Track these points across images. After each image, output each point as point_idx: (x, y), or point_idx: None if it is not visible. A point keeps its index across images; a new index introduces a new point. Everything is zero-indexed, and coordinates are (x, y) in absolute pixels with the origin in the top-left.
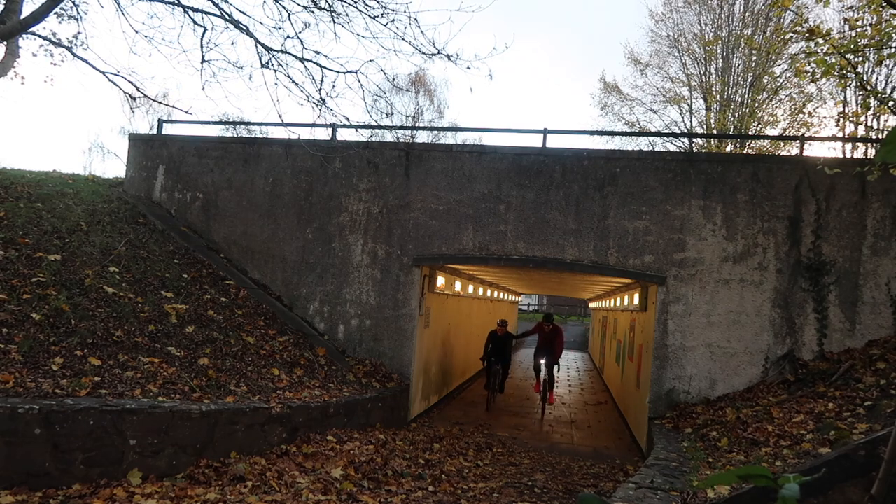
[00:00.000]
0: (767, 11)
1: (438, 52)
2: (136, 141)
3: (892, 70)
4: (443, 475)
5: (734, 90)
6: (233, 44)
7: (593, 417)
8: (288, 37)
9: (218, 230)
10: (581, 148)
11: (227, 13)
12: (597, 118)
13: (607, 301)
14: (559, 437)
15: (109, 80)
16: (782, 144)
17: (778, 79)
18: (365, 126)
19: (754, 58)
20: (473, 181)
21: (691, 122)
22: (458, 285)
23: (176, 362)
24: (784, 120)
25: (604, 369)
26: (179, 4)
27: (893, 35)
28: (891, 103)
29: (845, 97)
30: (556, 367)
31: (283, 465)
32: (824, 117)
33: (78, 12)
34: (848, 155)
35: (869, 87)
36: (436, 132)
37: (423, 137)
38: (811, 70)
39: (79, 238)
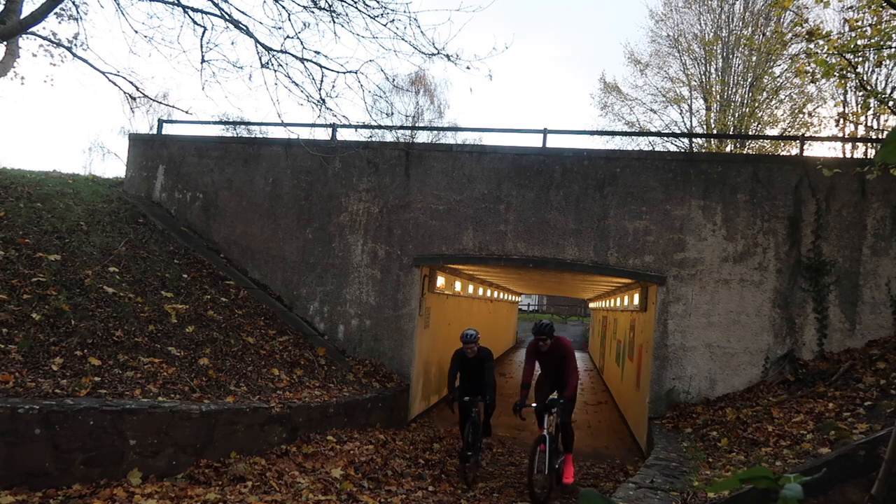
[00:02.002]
0: (767, 11)
1: (438, 52)
2: (136, 141)
3: (892, 70)
4: (443, 475)
5: (734, 90)
6: (233, 44)
7: (593, 417)
8: (288, 37)
9: (218, 230)
10: (581, 148)
11: (227, 13)
12: (597, 118)
13: (607, 301)
14: None
15: (109, 80)
16: (782, 144)
17: (778, 79)
18: (365, 126)
19: (754, 58)
20: (473, 181)
21: (691, 122)
22: (458, 285)
23: (176, 362)
24: (784, 120)
25: (604, 369)
26: (179, 4)
27: (893, 35)
28: (891, 103)
29: (845, 97)
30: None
31: (283, 465)
32: (824, 117)
33: (78, 12)
34: (848, 155)
35: (869, 88)
36: (436, 132)
37: (423, 137)
38: (811, 70)
39: (79, 238)
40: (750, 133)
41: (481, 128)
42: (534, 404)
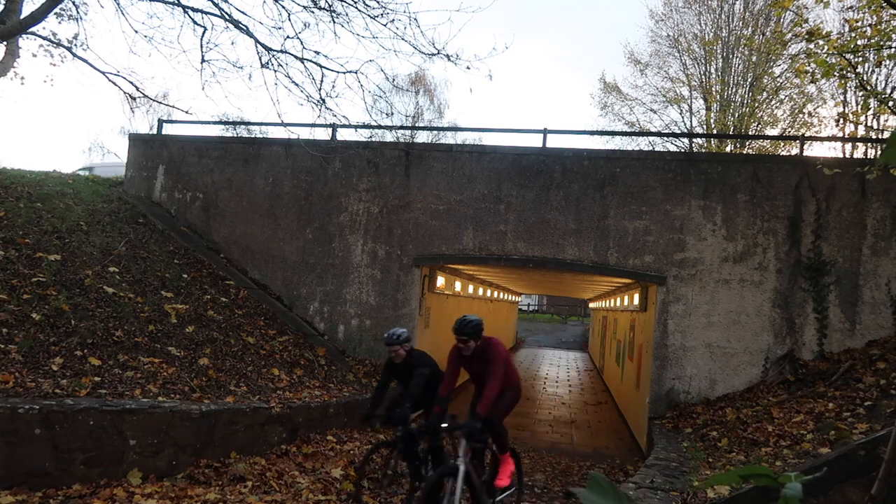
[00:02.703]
0: (767, 11)
1: (438, 52)
2: (136, 141)
3: (892, 70)
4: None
5: (734, 90)
6: (233, 44)
7: (593, 417)
8: (288, 37)
9: (218, 230)
10: (581, 148)
11: (227, 13)
12: (597, 118)
13: (607, 301)
14: (559, 437)
15: (109, 80)
16: (782, 144)
17: (778, 79)
18: (365, 126)
19: (754, 58)
20: (473, 181)
21: (691, 122)
22: (458, 285)
23: (176, 362)
24: (784, 120)
25: (604, 369)
26: (179, 4)
27: (893, 35)
28: (891, 103)
29: (845, 97)
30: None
31: (283, 465)
32: (824, 117)
33: (78, 12)
34: (848, 155)
35: (869, 88)
36: (436, 132)
37: (423, 137)
38: (811, 70)
39: (79, 238)
40: (750, 133)
41: (481, 128)
42: (477, 424)
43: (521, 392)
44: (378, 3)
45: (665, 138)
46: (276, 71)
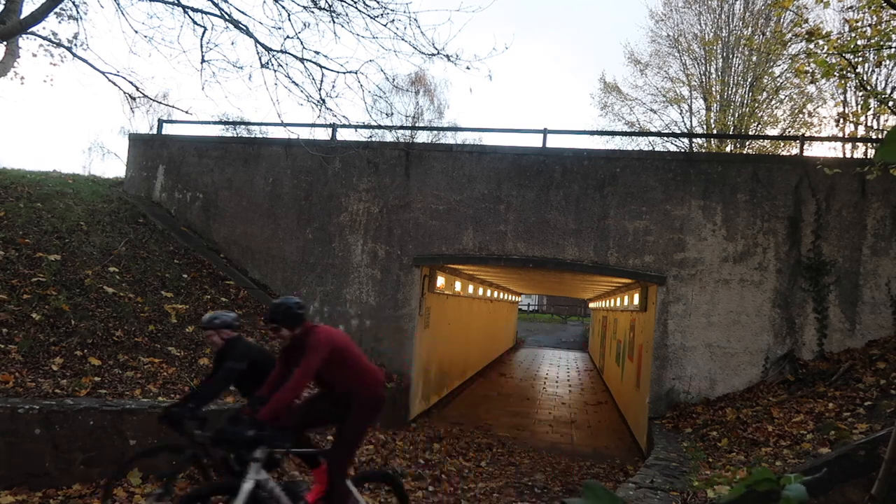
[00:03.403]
0: (767, 11)
1: (438, 53)
2: (136, 141)
3: (892, 70)
4: (443, 475)
5: (734, 90)
6: (233, 44)
7: (593, 417)
8: (288, 37)
9: (218, 230)
10: (581, 148)
11: (226, 13)
12: (597, 118)
13: (607, 301)
14: (559, 437)
15: (109, 80)
16: (782, 144)
17: (778, 79)
18: (365, 126)
19: (754, 58)
20: (473, 181)
21: (691, 122)
22: (458, 285)
23: (176, 362)
24: (784, 120)
25: (604, 369)
26: (179, 4)
27: (893, 35)
28: (891, 103)
29: (845, 97)
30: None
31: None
32: (824, 117)
33: (78, 12)
34: (848, 155)
35: (869, 88)
36: (436, 132)
37: (423, 137)
38: (811, 70)
39: (79, 238)
40: (750, 133)
41: (481, 128)
42: (250, 432)
43: (380, 401)
44: (378, 3)
45: (665, 138)
46: (276, 71)
